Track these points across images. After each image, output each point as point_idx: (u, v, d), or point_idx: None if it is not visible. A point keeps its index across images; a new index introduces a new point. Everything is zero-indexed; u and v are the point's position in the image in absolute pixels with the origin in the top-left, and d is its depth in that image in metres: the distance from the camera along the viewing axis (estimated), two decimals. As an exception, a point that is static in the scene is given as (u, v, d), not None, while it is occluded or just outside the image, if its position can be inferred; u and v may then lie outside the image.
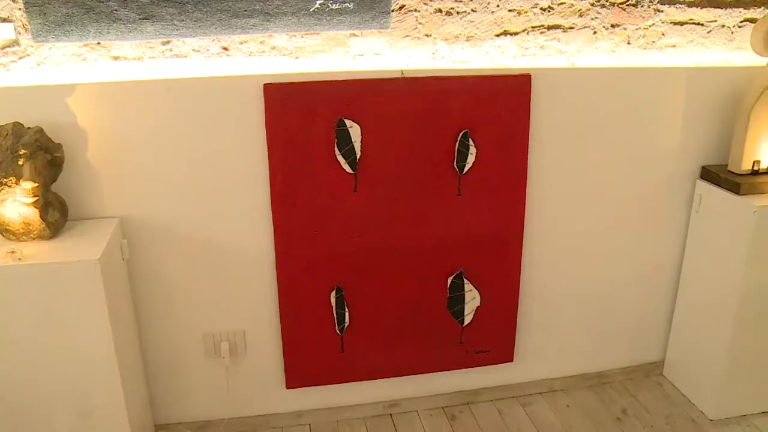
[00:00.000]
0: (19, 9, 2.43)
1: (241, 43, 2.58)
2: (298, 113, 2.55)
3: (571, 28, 2.82)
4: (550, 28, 2.80)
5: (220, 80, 2.56)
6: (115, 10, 2.44)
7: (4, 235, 2.44)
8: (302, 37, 2.61)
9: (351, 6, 2.54)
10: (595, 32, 2.86)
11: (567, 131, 2.88)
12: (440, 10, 2.67)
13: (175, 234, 2.70)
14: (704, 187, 3.04)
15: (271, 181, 2.64)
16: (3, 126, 2.39)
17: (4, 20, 2.45)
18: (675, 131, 3.03)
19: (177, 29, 2.50)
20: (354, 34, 2.63)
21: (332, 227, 2.73)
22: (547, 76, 2.77)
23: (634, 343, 3.43)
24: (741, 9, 2.98)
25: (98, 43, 2.51)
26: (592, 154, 2.95)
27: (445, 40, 2.72)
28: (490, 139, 2.73)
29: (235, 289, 2.83)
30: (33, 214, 2.39)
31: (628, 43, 2.92)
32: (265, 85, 2.52)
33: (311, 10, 2.53)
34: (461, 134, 2.70)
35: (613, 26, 2.87)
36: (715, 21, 2.97)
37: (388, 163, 2.68)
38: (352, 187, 2.68)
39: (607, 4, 2.82)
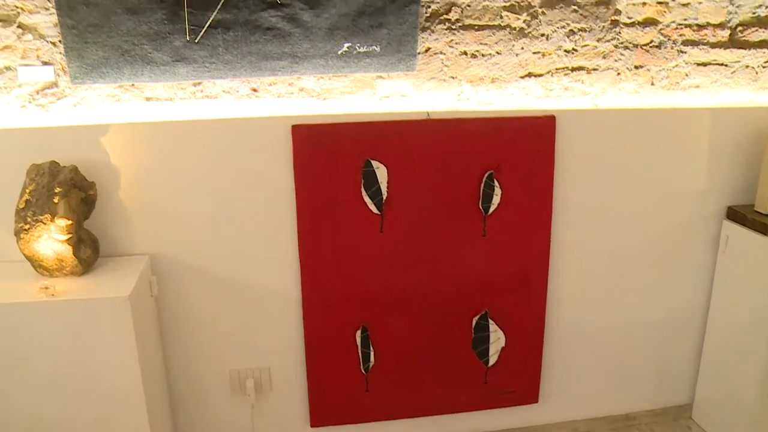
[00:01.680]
0: (60, 53, 2.52)
1: (270, 85, 2.65)
2: (325, 154, 2.60)
3: (594, 69, 2.85)
4: (574, 69, 2.84)
5: (249, 121, 2.62)
6: (149, 53, 2.52)
7: (38, 271, 2.50)
8: (330, 79, 2.67)
9: (378, 49, 2.60)
10: (618, 73, 2.88)
11: (592, 172, 2.89)
12: (465, 53, 2.72)
13: (203, 271, 2.74)
14: (730, 227, 3.02)
15: (298, 221, 2.67)
16: (40, 165, 2.46)
17: (45, 63, 2.54)
18: (700, 171, 3.02)
19: (208, 71, 2.57)
20: (381, 77, 2.69)
21: (358, 267, 2.75)
22: (571, 117, 2.79)
23: (661, 385, 3.37)
24: (765, 50, 2.99)
25: (132, 84, 2.59)
26: (616, 195, 2.95)
27: (471, 82, 2.76)
28: (515, 179, 2.75)
29: (261, 327, 2.85)
30: (66, 251, 2.44)
31: (652, 84, 2.93)
32: (293, 126, 2.58)
33: (339, 53, 2.59)
34: (486, 175, 2.73)
35: (636, 67, 2.90)
36: (739, 62, 2.98)
37: (413, 204, 2.71)
38: (378, 227, 2.71)
39: (631, 45, 2.85)
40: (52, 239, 2.42)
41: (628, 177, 2.94)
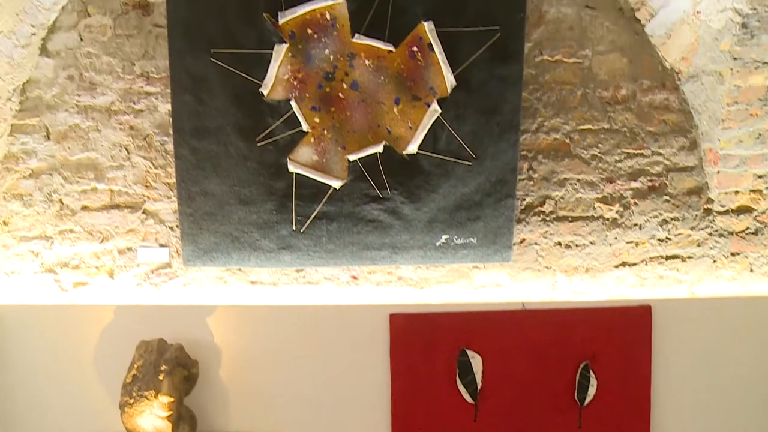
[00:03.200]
0: (176, 237, 2.73)
1: (370, 273, 2.76)
2: (422, 343, 2.65)
3: (689, 257, 2.84)
4: (668, 258, 2.84)
5: (348, 308, 2.71)
6: (257, 240, 2.69)
7: (136, 447, 2.57)
8: (427, 269, 2.76)
9: (475, 241, 2.69)
10: (714, 261, 2.86)
11: (692, 362, 2.80)
12: (560, 243, 2.78)
13: (295, 455, 2.75)
14: None
15: (392, 408, 2.69)
16: (149, 342, 2.59)
17: (162, 245, 2.75)
18: (810, 360, 2.88)
19: (311, 259, 2.70)
20: (477, 267, 2.76)
21: (453, 457, 2.71)
22: (667, 307, 2.76)
23: None
24: None
25: (239, 268, 2.74)
26: (720, 387, 2.82)
27: (565, 272, 2.80)
28: (611, 371, 2.71)
29: None
30: (166, 428, 2.51)
31: (751, 271, 2.89)
32: (391, 315, 2.66)
33: (437, 244, 2.69)
34: (582, 366, 2.70)
35: (733, 254, 2.87)
36: (842, 245, 2.91)
37: (508, 394, 2.70)
38: (472, 417, 2.69)
39: (726, 233, 2.85)
40: (153, 415, 2.50)
41: (732, 368, 2.82)
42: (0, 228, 2.78)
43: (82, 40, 2.71)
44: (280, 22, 2.56)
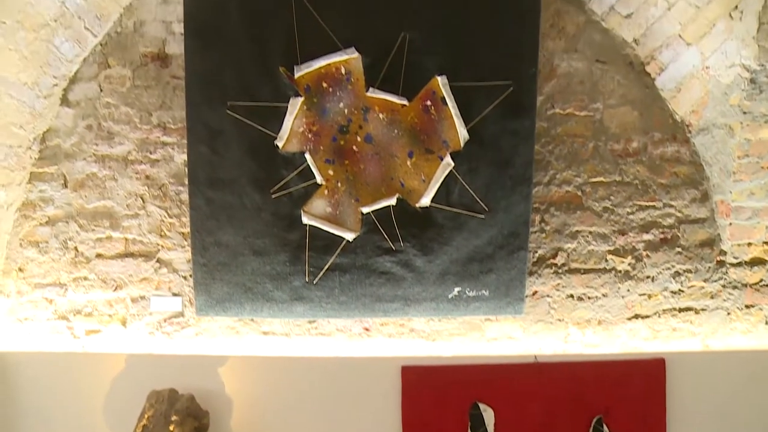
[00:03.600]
0: (189, 286, 2.74)
1: (382, 325, 2.76)
2: (434, 396, 2.64)
3: (703, 309, 2.83)
4: (681, 310, 2.83)
5: (360, 360, 2.71)
6: (270, 291, 2.69)
7: (145, 498, 2.54)
8: (439, 321, 2.76)
9: (487, 293, 2.69)
10: (728, 313, 2.85)
11: (706, 416, 2.76)
12: (572, 296, 2.78)
13: (304, 507, 2.72)
14: None
15: (404, 462, 2.67)
16: (160, 392, 2.58)
17: (175, 295, 2.76)
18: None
19: (324, 310, 2.70)
20: (489, 319, 2.76)
21: None
22: (681, 360, 2.74)
23: None
24: None
25: (252, 319, 2.75)
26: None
27: (577, 324, 2.79)
28: (625, 425, 2.69)
29: None
30: (175, 480, 2.49)
31: (766, 323, 2.87)
32: (403, 367, 2.65)
33: (449, 296, 2.69)
34: (595, 420, 2.68)
35: (747, 307, 2.85)
36: None
37: (521, 449, 2.67)
38: (484, 471, 2.67)
39: (740, 285, 2.84)
40: (163, 466, 2.48)
41: (747, 422, 2.78)
42: (15, 274, 2.79)
43: (101, 90, 2.76)
44: (296, 75, 2.60)
